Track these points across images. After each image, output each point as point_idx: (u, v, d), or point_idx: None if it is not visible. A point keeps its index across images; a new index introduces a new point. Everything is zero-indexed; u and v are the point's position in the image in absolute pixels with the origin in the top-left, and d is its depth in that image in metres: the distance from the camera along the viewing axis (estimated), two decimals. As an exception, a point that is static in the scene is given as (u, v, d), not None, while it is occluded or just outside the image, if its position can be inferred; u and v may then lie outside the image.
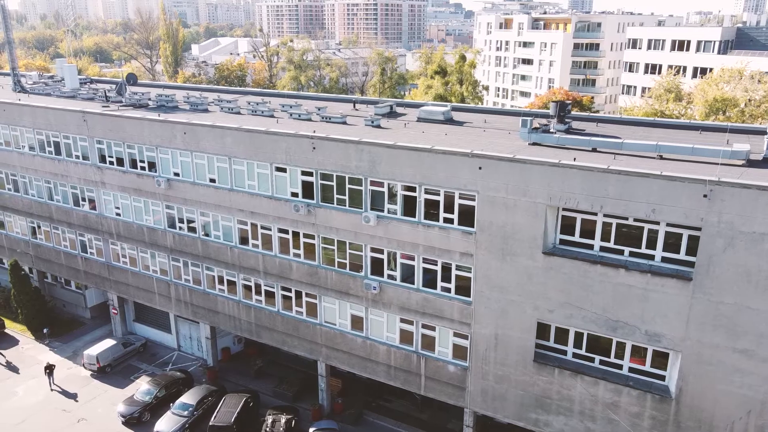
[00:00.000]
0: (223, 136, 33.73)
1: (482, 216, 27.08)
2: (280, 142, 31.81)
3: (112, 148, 38.99)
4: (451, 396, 30.73)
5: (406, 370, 31.67)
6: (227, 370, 40.17)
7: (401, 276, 30.45)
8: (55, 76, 60.15)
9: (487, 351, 28.77)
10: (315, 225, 32.10)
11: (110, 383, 39.03)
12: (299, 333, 34.94)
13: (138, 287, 41.33)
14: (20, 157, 44.13)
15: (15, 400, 37.32)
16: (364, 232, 30.54)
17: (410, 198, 28.97)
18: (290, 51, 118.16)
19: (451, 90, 78.69)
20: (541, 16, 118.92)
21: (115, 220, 40.69)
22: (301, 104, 41.13)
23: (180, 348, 43.07)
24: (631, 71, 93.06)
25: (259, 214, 33.94)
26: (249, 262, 35.38)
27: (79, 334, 45.07)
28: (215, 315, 38.26)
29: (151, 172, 37.62)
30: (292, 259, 33.70)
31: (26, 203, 45.33)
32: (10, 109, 43.39)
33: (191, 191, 36.19)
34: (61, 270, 45.71)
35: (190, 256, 37.87)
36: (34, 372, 40.36)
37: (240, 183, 34.23)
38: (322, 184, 31.35)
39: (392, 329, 31.58)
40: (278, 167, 32.49)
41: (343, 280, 32.22)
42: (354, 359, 33.40)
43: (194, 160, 35.56)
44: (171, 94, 46.68)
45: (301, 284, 33.88)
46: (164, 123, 35.89)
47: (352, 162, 29.84)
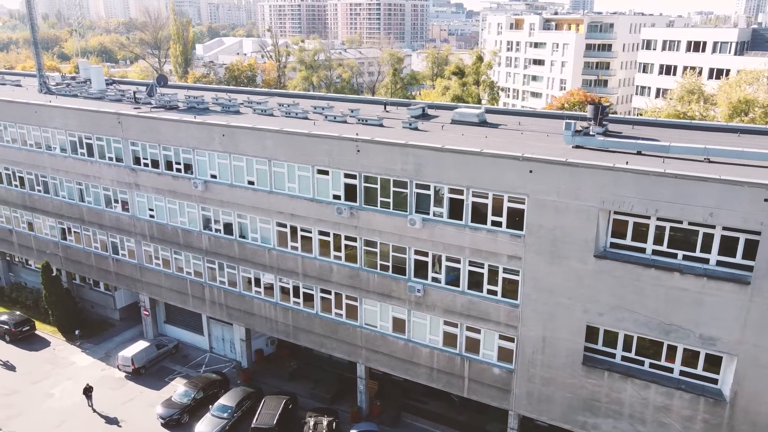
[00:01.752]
0: (263, 138, 33.78)
1: (532, 219, 27.15)
2: (322, 144, 31.86)
3: (147, 150, 39.03)
4: (495, 398, 30.81)
5: (448, 373, 31.73)
6: (261, 371, 40.24)
7: (446, 279, 30.53)
8: (78, 77, 60.14)
9: (534, 354, 28.83)
10: (357, 228, 32.16)
11: (145, 385, 39.08)
12: (338, 335, 35.00)
13: (171, 289, 41.37)
14: (51, 158, 44.16)
15: (52, 402, 37.39)
16: (409, 234, 30.60)
17: (457, 201, 29.03)
18: (301, 51, 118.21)
19: (468, 91, 78.73)
20: (553, 16, 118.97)
21: (148, 221, 40.73)
22: (333, 106, 41.16)
23: (212, 349, 43.12)
24: (645, 72, 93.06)
25: (300, 217, 34.00)
26: (287, 265, 35.43)
27: (110, 336, 45.13)
28: (251, 317, 38.32)
29: (188, 174, 37.67)
30: (333, 261, 33.76)
31: (56, 205, 45.36)
32: (41, 111, 43.43)
33: (229, 193, 36.23)
34: (91, 271, 45.75)
35: (225, 258, 37.92)
36: (68, 373, 40.43)
37: (280, 185, 34.28)
38: (365, 186, 31.42)
39: (435, 332, 31.64)
40: (320, 170, 32.53)
41: (385, 283, 32.28)
42: (395, 361, 33.46)
43: (232, 162, 35.61)
44: (199, 95, 46.83)
45: (341, 286, 33.94)
46: (202, 125, 35.94)
47: (398, 165, 29.90)
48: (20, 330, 44.01)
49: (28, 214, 47.58)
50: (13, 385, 39.07)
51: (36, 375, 40.14)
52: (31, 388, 38.79)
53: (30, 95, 49.23)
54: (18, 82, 57.83)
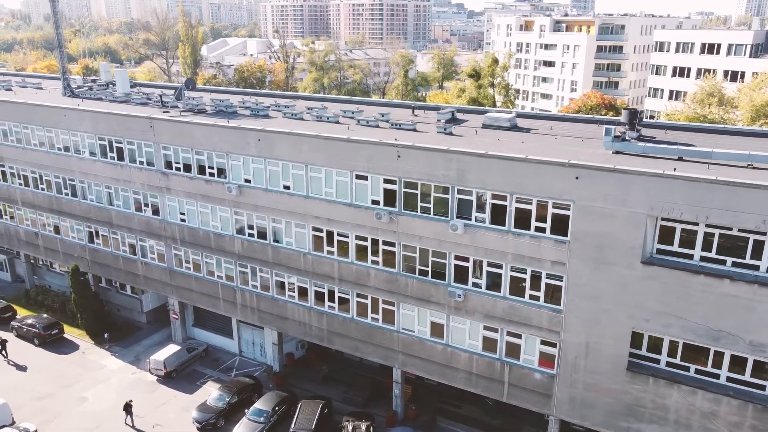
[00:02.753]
0: (300, 143, 33.86)
1: (577, 225, 27.23)
2: (362, 150, 31.94)
3: (180, 154, 39.09)
4: (536, 403, 30.89)
5: (488, 378, 31.81)
6: (292, 375, 40.31)
7: (486, 284, 30.61)
8: (98, 79, 60.19)
9: (576, 359, 28.92)
10: (396, 233, 32.23)
11: (178, 388, 39.15)
12: (374, 340, 35.08)
13: (201, 293, 41.45)
14: (80, 162, 44.23)
15: (86, 406, 37.47)
16: (449, 240, 30.67)
17: (499, 206, 29.11)
18: (312, 53, 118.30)
19: (483, 93, 78.82)
20: (563, 18, 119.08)
21: (179, 225, 40.80)
22: (363, 110, 41.20)
23: (241, 353, 43.19)
24: (658, 74, 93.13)
25: (337, 221, 34.07)
26: (323, 269, 35.51)
27: (138, 339, 45.19)
28: (284, 321, 38.39)
29: (221, 178, 37.74)
30: (370, 266, 33.83)
31: (84, 208, 45.43)
32: (71, 115, 43.50)
33: (263, 198, 36.30)
34: (119, 275, 45.83)
35: (259, 262, 37.99)
36: (99, 377, 40.50)
37: (316, 190, 34.34)
38: (405, 192, 31.49)
39: (475, 337, 31.72)
40: (359, 175, 32.60)
41: (424, 288, 32.35)
42: (432, 366, 33.53)
43: (267, 167, 35.68)
44: (225, 98, 46.85)
45: (378, 291, 34.01)
46: (237, 129, 36.02)
47: (440, 171, 29.98)
48: (49, 333, 44.07)
49: (55, 217, 47.65)
50: (45, 388, 39.13)
51: (67, 379, 40.20)
52: (63, 392, 38.85)
53: (54, 98, 49.29)
54: (39, 85, 57.83)
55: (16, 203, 49.78)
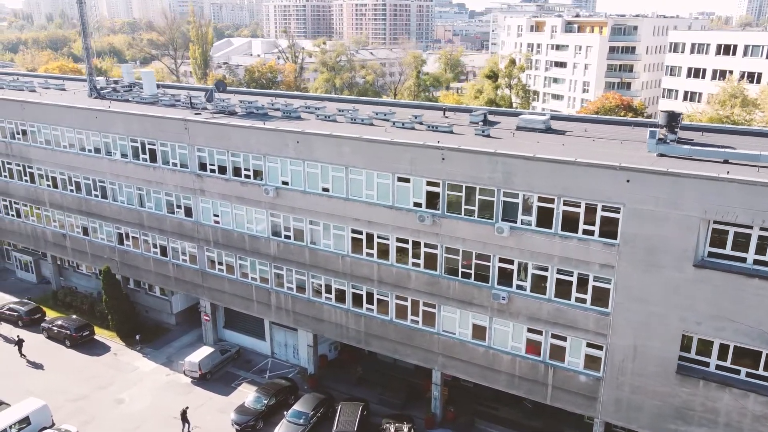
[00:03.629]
0: (341, 145, 33.88)
1: (627, 228, 27.25)
2: (405, 152, 31.96)
3: (215, 156, 39.11)
4: (580, 406, 30.91)
5: (531, 380, 31.84)
6: (326, 377, 40.31)
7: (531, 286, 30.63)
8: (121, 80, 60.22)
9: (624, 362, 28.94)
10: (439, 235, 32.25)
11: (213, 390, 39.18)
12: (414, 342, 35.10)
13: (234, 294, 41.46)
14: (111, 164, 44.25)
15: (123, 407, 37.49)
16: (494, 242, 30.70)
17: (546, 209, 29.14)
18: (324, 53, 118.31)
19: (501, 94, 78.83)
20: (575, 19, 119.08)
21: (212, 227, 40.82)
22: (395, 112, 41.24)
23: (274, 355, 43.20)
24: (673, 75, 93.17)
25: (377, 224, 34.09)
26: (362, 271, 35.53)
27: (168, 341, 45.21)
28: (320, 323, 38.41)
29: (257, 180, 37.76)
30: (411, 268, 33.85)
31: (114, 210, 45.44)
32: (102, 117, 43.52)
33: (301, 200, 36.32)
34: (149, 276, 45.84)
35: (295, 264, 38.01)
36: (133, 378, 40.52)
37: (357, 192, 34.36)
38: (448, 194, 31.51)
39: (518, 339, 31.75)
40: (401, 177, 32.63)
41: (466, 290, 32.38)
42: (473, 368, 33.56)
43: (306, 169, 35.70)
44: (253, 100, 46.91)
45: (418, 293, 34.03)
46: (275, 131, 36.04)
47: (485, 173, 30.01)
48: (81, 335, 44.08)
49: (84, 218, 47.66)
50: (81, 390, 39.16)
51: (102, 380, 40.22)
52: (99, 393, 38.88)
53: (81, 100, 49.31)
54: (62, 86, 57.84)
55: (44, 204, 49.79)
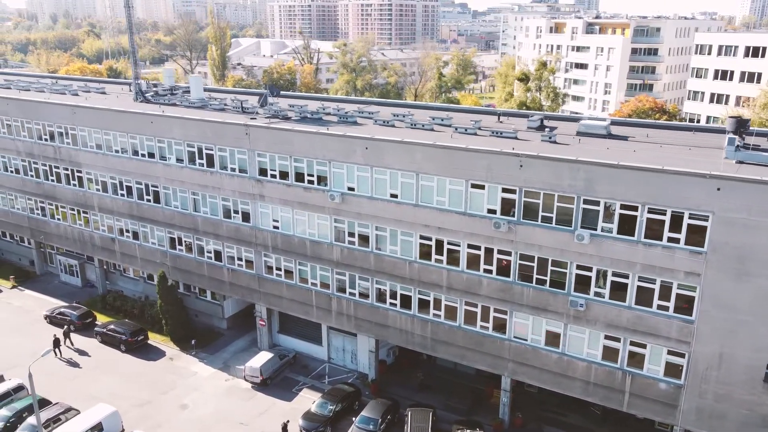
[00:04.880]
0: (413, 152, 33.87)
1: (716, 236, 27.24)
2: (481, 159, 31.96)
3: (276, 161, 39.11)
4: (659, 413, 30.90)
5: (607, 387, 31.82)
6: (385, 382, 40.29)
7: (610, 293, 30.62)
8: (161, 84, 60.22)
9: (707, 370, 28.92)
10: (514, 242, 32.25)
11: (275, 396, 39.18)
12: (483, 348, 35.09)
13: (293, 300, 41.46)
14: (165, 168, 44.25)
15: (188, 413, 37.49)
16: (573, 249, 30.70)
17: (628, 216, 29.12)
18: (344, 55, 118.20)
19: (532, 97, 78.85)
20: (596, 20, 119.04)
21: (271, 232, 40.82)
22: (452, 117, 41.23)
23: (330, 360, 43.19)
24: (699, 77, 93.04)
25: (448, 230, 34.09)
26: (430, 277, 35.52)
27: (222, 345, 45.22)
28: (383, 329, 38.41)
29: (321, 186, 37.75)
30: (482, 275, 33.85)
31: (167, 215, 45.43)
32: (158, 121, 43.54)
33: (368, 206, 36.32)
34: (202, 281, 45.84)
35: (359, 270, 38.01)
36: (193, 383, 40.52)
37: (427, 199, 34.36)
38: (525, 201, 31.51)
39: (594, 346, 31.74)
40: (475, 184, 32.62)
41: (541, 297, 32.37)
42: (545, 375, 33.55)
43: (374, 175, 35.70)
44: (303, 104, 46.95)
45: (489, 300, 34.04)
46: (343, 137, 36.04)
47: (566, 181, 30.00)
48: (136, 339, 44.08)
49: (135, 223, 47.66)
50: (143, 395, 39.17)
51: (162, 385, 40.23)
52: (162, 398, 38.89)
53: (126, 103, 49.32)
54: (102, 90, 57.82)
55: (92, 209, 49.80)
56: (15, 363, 42.40)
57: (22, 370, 41.15)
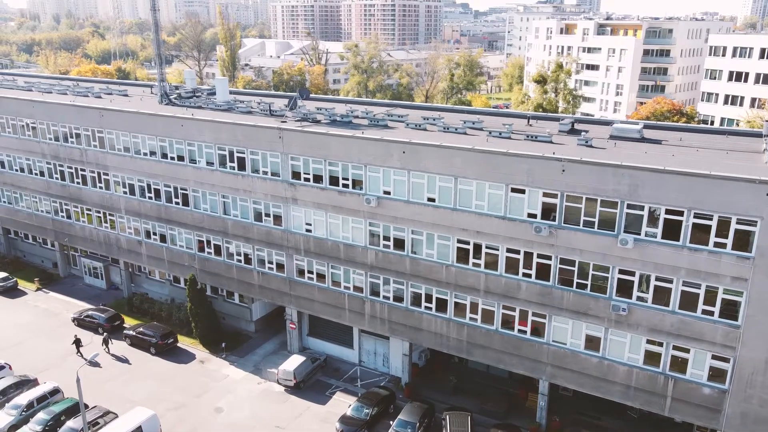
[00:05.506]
0: (452, 156, 33.91)
1: (764, 242, 27.27)
2: (521, 164, 32.00)
3: (310, 165, 39.14)
4: (702, 418, 30.93)
5: (648, 391, 31.85)
6: (418, 385, 40.30)
7: (653, 298, 30.65)
8: (182, 86, 60.27)
9: (753, 375, 28.96)
10: (554, 246, 32.28)
11: (309, 399, 39.21)
12: (521, 351, 35.13)
13: (325, 303, 41.49)
14: (195, 171, 44.27)
15: (224, 417, 37.52)
16: (615, 254, 30.73)
17: (673, 221, 29.15)
18: (355, 56, 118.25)
19: (548, 99, 78.88)
20: (608, 22, 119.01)
21: (304, 236, 40.84)
22: (483, 120, 41.30)
23: (361, 363, 43.21)
24: (713, 79, 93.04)
25: (486, 234, 34.12)
26: (467, 281, 35.56)
27: (251, 348, 45.24)
28: (417, 332, 38.43)
29: (356, 189, 37.78)
30: (521, 279, 33.88)
31: (196, 218, 45.46)
32: (188, 124, 43.57)
33: (404, 210, 36.35)
34: (231, 284, 45.86)
35: (393, 273, 38.03)
36: (225, 387, 40.55)
37: (465, 203, 34.39)
38: (566, 205, 31.54)
39: (636, 350, 31.77)
40: (515, 188, 32.66)
41: (581, 301, 32.41)
42: (584, 378, 33.58)
43: (411, 179, 35.72)
44: (331, 107, 46.98)
45: (528, 303, 34.06)
46: (380, 141, 36.08)
47: (609, 185, 30.04)
48: (166, 342, 44.11)
49: (162, 225, 47.68)
50: (177, 398, 39.19)
51: (195, 388, 40.26)
52: (196, 401, 38.92)
53: (151, 106, 49.33)
54: (125, 92, 57.82)
55: (119, 211, 49.82)
56: (46, 366, 42.53)
57: (53, 372, 41.48)
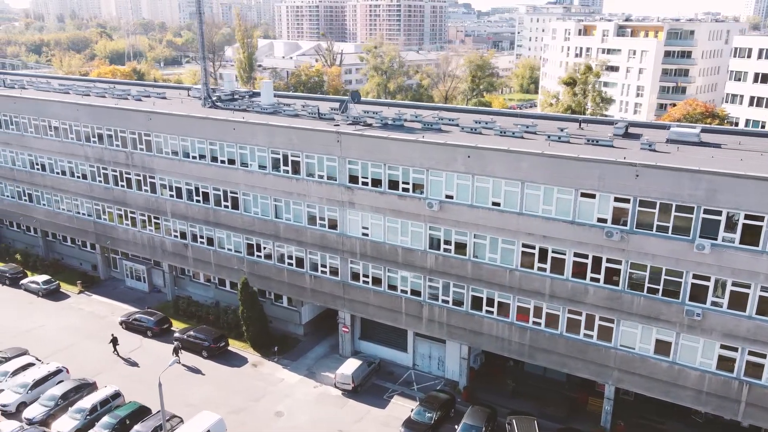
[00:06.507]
0: (519, 160, 33.92)
1: None
2: (593, 169, 32.00)
3: (369, 168, 39.13)
4: (777, 422, 30.97)
5: (721, 396, 31.84)
6: (475, 389, 40.26)
7: (728, 303, 30.64)
8: (219, 88, 60.25)
9: (832, 379, 28.98)
10: (625, 251, 32.27)
11: (368, 403, 39.21)
12: (586, 356, 35.11)
13: (380, 306, 41.48)
14: (246, 175, 44.26)
15: (284, 421, 37.53)
16: (690, 259, 30.72)
17: (752, 227, 29.14)
18: (375, 57, 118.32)
19: (577, 101, 78.90)
20: (628, 23, 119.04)
21: (360, 239, 40.83)
22: (537, 124, 41.27)
23: (415, 366, 43.21)
24: (738, 80, 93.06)
25: (553, 239, 34.13)
26: (532, 285, 35.55)
27: (302, 351, 45.24)
28: (477, 336, 38.44)
29: (416, 193, 37.77)
30: (589, 283, 33.87)
31: (247, 221, 45.45)
32: (240, 128, 43.57)
33: (467, 214, 36.34)
34: (281, 287, 45.86)
35: (454, 277, 38.03)
36: (282, 390, 40.57)
37: (532, 207, 34.38)
38: (639, 210, 31.54)
39: (709, 355, 31.76)
40: (585, 193, 32.66)
41: (652, 306, 32.39)
42: (653, 383, 33.56)
43: (475, 183, 35.72)
44: (378, 110, 46.96)
45: (596, 308, 34.06)
46: (444, 146, 36.07)
47: (685, 190, 30.03)
48: (218, 346, 44.11)
49: (210, 229, 47.67)
50: (236, 402, 39.19)
51: (253, 392, 40.26)
52: (255, 405, 38.92)
53: (195, 109, 49.32)
54: (163, 95, 57.80)
55: (165, 214, 49.82)
56: (100, 369, 42.57)
57: (108, 376, 41.54)
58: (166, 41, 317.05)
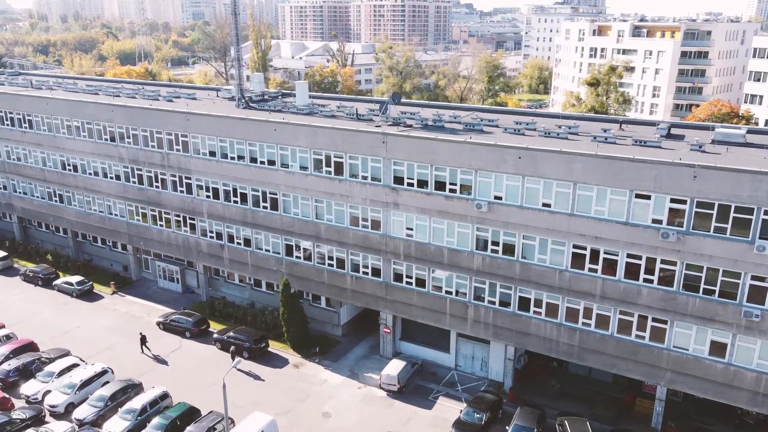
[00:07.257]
0: (572, 162, 33.93)
1: None
2: (649, 170, 32.01)
3: (415, 169, 39.14)
4: (835, 423, 30.97)
5: (778, 397, 31.90)
6: (520, 389, 40.22)
7: (784, 304, 30.68)
8: (248, 89, 60.26)
9: None
10: (681, 252, 32.28)
11: (414, 404, 39.22)
12: (637, 357, 35.10)
13: (424, 307, 41.49)
14: (287, 176, 44.28)
15: (333, 422, 37.53)
16: (748, 260, 30.73)
17: (813, 228, 29.18)
18: (390, 58, 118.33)
19: (600, 102, 78.93)
20: (644, 23, 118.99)
21: (404, 240, 40.85)
22: (578, 125, 41.24)
23: (458, 367, 43.22)
24: (758, 81, 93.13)
25: (605, 239, 34.13)
26: (583, 286, 35.55)
27: (342, 352, 45.25)
28: (524, 336, 38.45)
29: (463, 194, 37.79)
30: (642, 284, 33.87)
31: (286, 222, 45.48)
32: (281, 129, 43.61)
33: (517, 215, 36.35)
34: (321, 288, 45.88)
35: (501, 278, 38.05)
36: (327, 391, 40.58)
37: (584, 208, 34.39)
38: (696, 211, 31.55)
39: (766, 356, 31.75)
40: (639, 194, 32.67)
41: (708, 307, 32.39)
42: (707, 384, 33.56)
43: (525, 185, 35.73)
44: (416, 111, 46.97)
45: (648, 309, 34.06)
46: (493, 147, 36.09)
47: (745, 192, 30.04)
48: (259, 346, 44.11)
49: (247, 230, 47.70)
50: (283, 402, 39.20)
51: (298, 393, 40.27)
52: (301, 406, 38.95)
53: (230, 110, 49.37)
54: (193, 96, 57.82)
55: (201, 215, 49.84)
56: (142, 370, 42.56)
57: (151, 376, 41.53)
58: (172, 41, 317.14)
